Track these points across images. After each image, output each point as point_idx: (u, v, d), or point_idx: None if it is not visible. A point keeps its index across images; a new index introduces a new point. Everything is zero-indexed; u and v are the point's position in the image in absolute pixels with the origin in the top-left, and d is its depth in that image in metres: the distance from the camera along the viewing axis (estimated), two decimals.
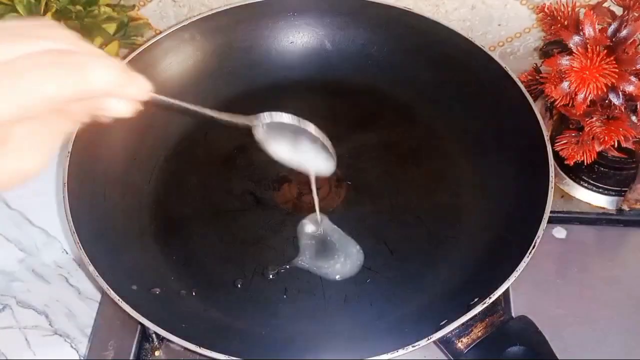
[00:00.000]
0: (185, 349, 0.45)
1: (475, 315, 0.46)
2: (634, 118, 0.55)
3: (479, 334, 0.47)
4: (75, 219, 0.51)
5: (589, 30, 0.53)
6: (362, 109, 0.66)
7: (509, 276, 0.47)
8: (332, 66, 0.68)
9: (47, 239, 0.63)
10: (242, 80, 0.67)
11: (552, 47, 0.59)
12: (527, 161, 0.55)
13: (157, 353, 0.55)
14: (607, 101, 0.54)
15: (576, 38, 0.54)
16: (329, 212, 0.58)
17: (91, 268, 0.48)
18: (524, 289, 0.55)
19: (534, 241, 0.48)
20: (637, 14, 0.54)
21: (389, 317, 0.52)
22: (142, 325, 0.52)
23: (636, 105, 0.54)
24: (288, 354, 0.50)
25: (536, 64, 0.61)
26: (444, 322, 0.46)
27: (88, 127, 0.57)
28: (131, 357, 0.54)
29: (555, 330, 0.48)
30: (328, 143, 0.45)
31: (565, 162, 0.58)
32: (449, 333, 0.46)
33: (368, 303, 0.53)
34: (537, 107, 0.56)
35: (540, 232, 0.49)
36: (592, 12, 0.54)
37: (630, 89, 0.52)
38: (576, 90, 0.52)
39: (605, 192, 0.62)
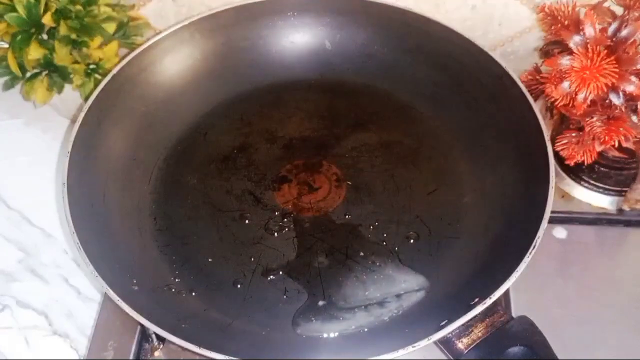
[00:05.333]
0: (185, 349, 0.45)
1: (476, 316, 0.46)
2: (634, 118, 0.55)
3: (480, 334, 0.47)
4: (75, 219, 0.51)
5: (589, 30, 0.53)
6: (362, 109, 0.66)
7: (509, 276, 0.47)
8: (332, 66, 0.68)
9: (47, 239, 0.63)
10: (242, 80, 0.67)
11: (553, 47, 0.59)
12: (527, 161, 0.55)
13: (156, 353, 0.55)
14: (607, 101, 0.54)
15: (576, 38, 0.54)
16: (329, 212, 0.58)
17: (91, 268, 0.48)
18: (524, 289, 0.55)
19: (535, 241, 0.48)
20: (637, 14, 0.54)
21: (388, 317, 0.52)
22: (142, 325, 0.52)
23: (636, 105, 0.54)
24: (288, 354, 0.50)
25: (537, 64, 0.61)
26: (444, 322, 0.46)
27: (88, 127, 0.57)
28: (131, 357, 0.54)
29: (555, 331, 0.48)
30: None
31: (566, 162, 0.58)
32: (449, 333, 0.46)
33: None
34: (537, 107, 0.56)
35: (540, 232, 0.48)
36: (592, 11, 0.54)
37: (630, 88, 0.52)
38: (576, 90, 0.52)
39: (606, 192, 0.62)
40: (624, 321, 0.55)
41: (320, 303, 0.52)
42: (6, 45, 0.62)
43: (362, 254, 0.55)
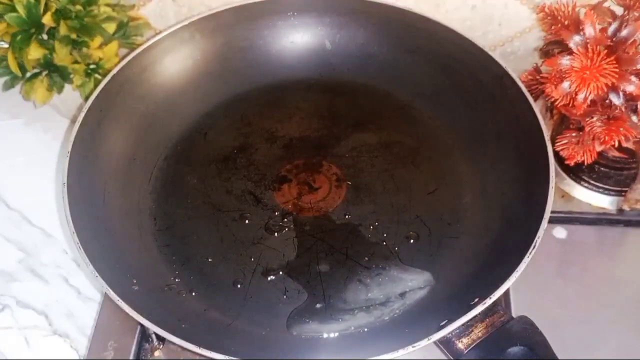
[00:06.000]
0: (185, 349, 0.45)
1: (476, 316, 0.46)
2: (634, 118, 0.55)
3: (480, 334, 0.47)
4: (75, 219, 0.51)
5: (589, 30, 0.53)
6: (362, 109, 0.66)
7: (509, 276, 0.47)
8: (332, 66, 0.68)
9: (47, 239, 0.63)
10: (242, 80, 0.67)
11: (553, 47, 0.59)
12: (527, 161, 0.55)
13: (156, 353, 0.55)
14: (607, 101, 0.54)
15: (576, 38, 0.54)
16: (329, 212, 0.58)
17: (91, 268, 0.48)
18: (524, 289, 0.55)
19: (535, 241, 0.48)
20: (637, 14, 0.54)
21: (388, 317, 0.52)
22: (142, 325, 0.52)
23: (636, 105, 0.54)
24: (288, 354, 0.50)
25: (537, 64, 0.61)
26: (444, 322, 0.46)
27: (88, 127, 0.57)
28: (131, 357, 0.54)
29: (555, 330, 0.48)
30: None
31: (566, 162, 0.58)
32: (449, 333, 0.46)
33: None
34: (537, 107, 0.56)
35: (540, 232, 0.48)
36: (592, 11, 0.54)
37: (630, 88, 0.52)
38: (577, 90, 0.52)
39: (606, 192, 0.62)
40: (624, 321, 0.55)
41: (318, 305, 0.52)
42: (6, 45, 0.62)
43: (362, 254, 0.55)
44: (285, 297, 0.53)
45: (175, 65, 0.65)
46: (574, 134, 0.57)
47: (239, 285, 0.54)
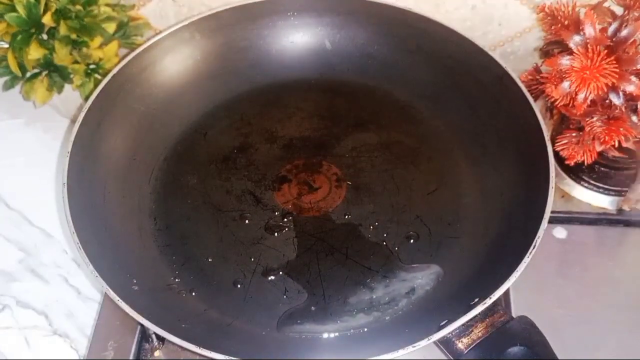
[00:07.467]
0: (185, 349, 0.45)
1: (476, 316, 0.46)
2: (634, 118, 0.55)
3: (480, 334, 0.47)
4: (75, 219, 0.51)
5: (589, 30, 0.53)
6: (362, 109, 0.66)
7: (509, 276, 0.47)
8: (332, 66, 0.68)
9: (47, 239, 0.63)
10: (242, 80, 0.67)
11: (553, 47, 0.59)
12: (527, 161, 0.55)
13: (156, 353, 0.55)
14: (607, 101, 0.54)
15: (577, 38, 0.54)
16: (329, 212, 0.58)
17: (91, 268, 0.48)
18: (524, 289, 0.55)
19: (535, 241, 0.48)
20: (637, 14, 0.54)
21: (389, 317, 0.52)
22: (142, 325, 0.52)
23: (637, 105, 0.54)
24: (288, 354, 0.50)
25: (537, 64, 0.61)
26: (444, 322, 0.46)
27: (88, 127, 0.57)
28: (131, 357, 0.54)
29: (555, 330, 0.48)
30: None
31: (566, 162, 0.58)
32: (449, 333, 0.46)
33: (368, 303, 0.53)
34: (537, 107, 0.56)
35: (540, 232, 0.48)
36: (592, 11, 0.54)
37: (630, 88, 0.52)
38: (577, 90, 0.52)
39: (606, 192, 0.62)
40: (624, 321, 0.55)
41: (317, 306, 0.52)
42: (6, 45, 0.62)
43: (362, 254, 0.55)
44: (285, 297, 0.53)
45: (175, 65, 0.65)
46: (574, 134, 0.57)
47: (239, 285, 0.54)
